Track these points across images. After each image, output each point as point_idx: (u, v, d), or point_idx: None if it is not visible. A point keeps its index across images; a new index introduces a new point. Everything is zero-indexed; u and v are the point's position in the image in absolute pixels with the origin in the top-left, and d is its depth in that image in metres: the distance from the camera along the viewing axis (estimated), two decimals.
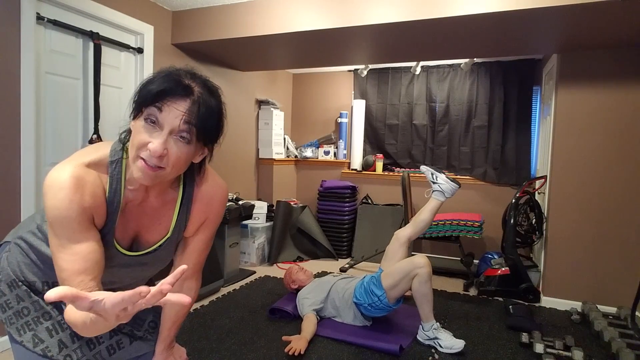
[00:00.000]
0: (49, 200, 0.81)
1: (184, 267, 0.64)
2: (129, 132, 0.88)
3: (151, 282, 1.21)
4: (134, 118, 0.84)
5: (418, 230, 2.60)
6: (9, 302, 0.98)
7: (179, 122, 0.80)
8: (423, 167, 2.72)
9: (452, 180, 2.58)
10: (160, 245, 0.99)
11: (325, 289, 2.74)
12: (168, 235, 0.99)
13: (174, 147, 0.82)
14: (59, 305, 0.99)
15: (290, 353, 2.24)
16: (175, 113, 0.80)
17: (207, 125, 0.83)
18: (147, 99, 0.81)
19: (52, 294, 0.55)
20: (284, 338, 2.36)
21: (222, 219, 1.13)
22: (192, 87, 0.82)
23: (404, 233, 2.61)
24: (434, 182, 2.62)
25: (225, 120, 0.89)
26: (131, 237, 0.96)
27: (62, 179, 0.81)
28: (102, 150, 0.90)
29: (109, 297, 0.59)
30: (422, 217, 2.59)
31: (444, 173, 2.63)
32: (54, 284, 1.00)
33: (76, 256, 0.82)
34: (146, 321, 1.15)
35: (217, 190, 1.04)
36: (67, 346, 0.97)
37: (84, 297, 0.58)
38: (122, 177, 0.89)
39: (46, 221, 0.92)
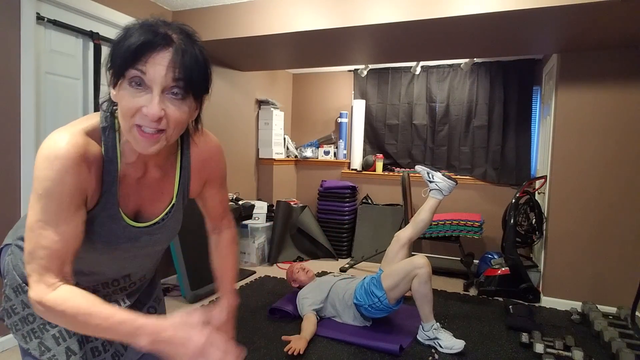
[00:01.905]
0: (42, 171, 0.74)
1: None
2: (110, 101, 0.82)
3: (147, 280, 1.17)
4: (114, 85, 0.76)
5: (418, 230, 2.61)
6: (14, 307, 0.95)
7: (168, 78, 0.73)
8: (418, 167, 2.74)
9: (448, 178, 2.59)
10: (167, 214, 0.96)
11: (325, 289, 2.74)
12: (173, 201, 0.96)
13: (170, 107, 0.75)
14: None
15: (290, 353, 2.24)
16: (160, 68, 0.73)
17: (196, 74, 0.77)
18: (127, 60, 0.72)
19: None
20: (284, 338, 2.36)
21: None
22: (171, 35, 0.75)
23: (405, 234, 2.61)
24: (430, 181, 2.64)
25: (211, 66, 0.84)
26: (133, 212, 0.92)
27: (59, 147, 0.74)
28: (94, 119, 0.84)
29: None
30: (421, 217, 2.59)
31: (439, 171, 2.64)
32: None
33: (60, 236, 0.76)
34: (145, 306, 1.11)
35: (212, 147, 1.02)
36: (75, 353, 0.93)
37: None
38: (117, 143, 0.84)
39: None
